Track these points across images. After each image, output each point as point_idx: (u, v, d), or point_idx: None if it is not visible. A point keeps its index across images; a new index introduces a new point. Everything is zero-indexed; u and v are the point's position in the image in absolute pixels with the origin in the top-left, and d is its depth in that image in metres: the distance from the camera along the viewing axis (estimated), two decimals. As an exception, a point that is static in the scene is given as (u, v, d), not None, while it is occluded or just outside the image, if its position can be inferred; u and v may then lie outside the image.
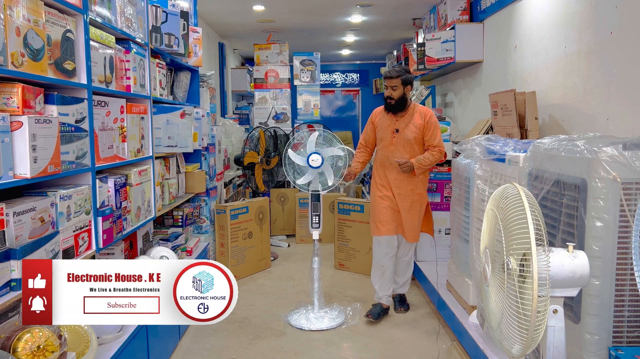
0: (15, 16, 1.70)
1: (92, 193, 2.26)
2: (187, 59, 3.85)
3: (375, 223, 3.57)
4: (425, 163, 3.44)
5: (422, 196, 3.56)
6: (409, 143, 3.49)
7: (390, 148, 3.54)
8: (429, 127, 3.47)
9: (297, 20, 6.54)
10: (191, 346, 3.20)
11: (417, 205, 3.52)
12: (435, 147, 3.47)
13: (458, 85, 5.62)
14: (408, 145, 3.49)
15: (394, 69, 3.53)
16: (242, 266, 4.55)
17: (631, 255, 1.70)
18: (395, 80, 3.46)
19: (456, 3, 5.01)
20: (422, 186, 3.55)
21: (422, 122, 3.47)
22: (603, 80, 2.74)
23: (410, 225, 3.53)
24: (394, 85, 3.47)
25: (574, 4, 3.05)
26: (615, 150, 1.77)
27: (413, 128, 3.48)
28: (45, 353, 1.69)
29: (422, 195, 3.56)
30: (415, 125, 3.48)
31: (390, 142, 3.54)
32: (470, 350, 2.82)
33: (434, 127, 3.47)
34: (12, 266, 1.73)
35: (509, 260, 1.53)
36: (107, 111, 2.45)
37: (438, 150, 3.46)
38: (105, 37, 2.42)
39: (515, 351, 1.52)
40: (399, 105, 3.50)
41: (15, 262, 1.73)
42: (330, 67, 11.02)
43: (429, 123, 3.47)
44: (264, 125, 6.21)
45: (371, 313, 3.51)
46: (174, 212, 3.77)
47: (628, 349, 1.76)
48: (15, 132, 1.74)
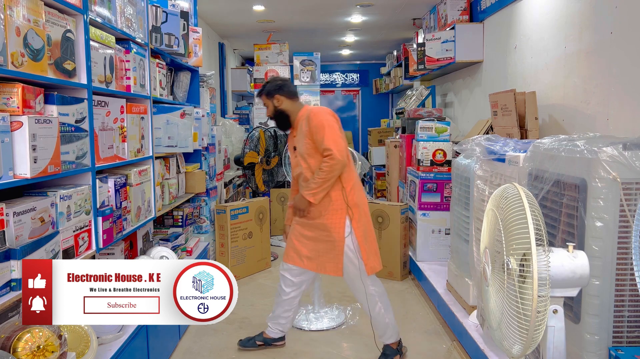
0: (15, 16, 1.70)
1: (92, 193, 2.26)
2: (187, 59, 3.85)
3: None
4: (313, 186, 2.75)
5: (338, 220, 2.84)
6: (309, 156, 2.84)
7: (297, 170, 2.96)
8: (313, 130, 2.78)
9: (297, 20, 6.54)
10: (191, 346, 3.20)
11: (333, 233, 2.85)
12: (324, 153, 2.73)
13: (458, 85, 5.62)
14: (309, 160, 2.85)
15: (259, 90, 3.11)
16: (242, 266, 4.56)
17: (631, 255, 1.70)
18: (262, 98, 3.05)
19: (456, 3, 5.01)
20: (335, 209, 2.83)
21: (307, 127, 2.83)
22: (603, 80, 2.74)
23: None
24: (264, 104, 3.07)
25: (574, 4, 3.05)
26: (615, 150, 1.77)
27: (302, 140, 2.87)
28: (45, 353, 1.69)
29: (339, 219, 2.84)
30: (304, 134, 2.86)
31: (296, 163, 2.97)
32: (470, 350, 2.82)
33: (317, 128, 2.76)
34: (12, 266, 1.73)
35: (509, 260, 1.53)
36: (107, 111, 2.45)
37: (327, 157, 2.71)
38: (105, 37, 2.41)
39: (515, 351, 1.52)
40: (281, 120, 3.00)
41: (15, 262, 1.73)
42: (330, 67, 11.03)
43: (311, 126, 2.79)
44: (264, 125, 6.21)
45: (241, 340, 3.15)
46: (174, 212, 3.77)
47: (628, 349, 1.76)
48: (15, 132, 1.74)
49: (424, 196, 4.19)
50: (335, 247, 2.83)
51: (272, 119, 3.07)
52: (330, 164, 2.70)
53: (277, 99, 2.96)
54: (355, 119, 11.26)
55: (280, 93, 2.96)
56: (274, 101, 2.97)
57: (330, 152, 2.70)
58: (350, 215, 2.82)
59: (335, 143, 2.72)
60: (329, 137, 2.72)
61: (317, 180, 2.75)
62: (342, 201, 2.82)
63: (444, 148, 4.19)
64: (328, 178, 2.74)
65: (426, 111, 4.97)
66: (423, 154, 4.21)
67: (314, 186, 2.76)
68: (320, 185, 2.75)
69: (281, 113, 2.98)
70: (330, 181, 2.76)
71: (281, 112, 2.98)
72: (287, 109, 2.97)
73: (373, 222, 4.46)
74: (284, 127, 3.05)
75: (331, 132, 2.74)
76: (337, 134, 2.78)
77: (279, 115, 2.99)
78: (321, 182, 2.74)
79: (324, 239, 2.86)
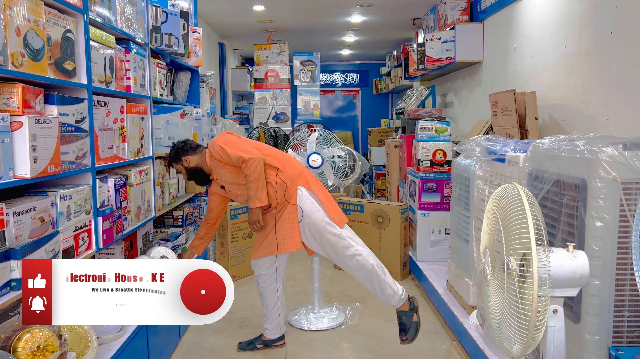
0: (15, 16, 1.70)
1: (92, 193, 2.26)
2: (187, 59, 3.85)
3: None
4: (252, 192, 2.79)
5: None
6: (234, 181, 2.89)
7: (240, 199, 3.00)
8: (220, 157, 2.81)
9: (297, 20, 6.54)
10: (191, 346, 3.20)
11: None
12: (238, 163, 2.78)
13: (458, 85, 5.62)
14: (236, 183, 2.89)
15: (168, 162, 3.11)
16: (242, 266, 4.55)
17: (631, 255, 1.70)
18: (174, 167, 3.05)
19: (456, 3, 5.01)
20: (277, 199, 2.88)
21: (215, 161, 2.86)
22: (603, 80, 2.74)
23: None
24: (177, 170, 3.10)
25: (574, 4, 3.05)
26: (615, 150, 1.77)
27: (221, 171, 2.89)
28: (45, 353, 1.69)
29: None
30: (219, 168, 2.88)
31: (234, 195, 3.00)
32: (470, 350, 2.82)
33: (220, 151, 2.79)
34: (12, 266, 1.73)
35: (509, 260, 1.53)
36: (107, 111, 2.45)
37: (243, 163, 2.76)
38: (105, 37, 2.41)
39: (515, 351, 1.52)
40: (200, 176, 3.00)
41: (15, 262, 1.73)
42: (330, 67, 11.03)
43: (216, 156, 2.82)
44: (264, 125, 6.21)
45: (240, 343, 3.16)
46: (174, 212, 3.77)
47: (628, 349, 1.76)
48: (15, 132, 1.74)
49: (424, 196, 4.19)
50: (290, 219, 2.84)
51: (191, 180, 3.04)
52: (248, 165, 2.74)
53: (185, 160, 2.96)
54: (355, 119, 11.26)
55: (183, 154, 2.96)
56: (183, 163, 2.97)
57: (241, 158, 2.74)
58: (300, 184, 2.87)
59: (239, 149, 2.77)
60: (232, 150, 2.76)
61: (250, 185, 2.77)
62: (284, 182, 2.85)
63: (444, 148, 4.19)
64: (257, 178, 2.76)
65: (426, 111, 4.97)
66: (423, 154, 4.21)
67: (253, 193, 2.77)
68: (256, 188, 2.77)
69: (195, 170, 2.97)
70: (261, 179, 2.78)
71: (195, 169, 2.97)
72: (198, 164, 2.97)
73: (373, 222, 4.48)
74: (206, 181, 3.02)
75: (231, 146, 2.79)
76: (236, 142, 2.83)
77: (195, 173, 2.98)
78: (255, 185, 2.76)
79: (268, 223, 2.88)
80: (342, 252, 2.86)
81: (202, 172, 2.98)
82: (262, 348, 3.12)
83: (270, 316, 3.12)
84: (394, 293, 2.89)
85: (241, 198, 2.98)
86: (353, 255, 2.85)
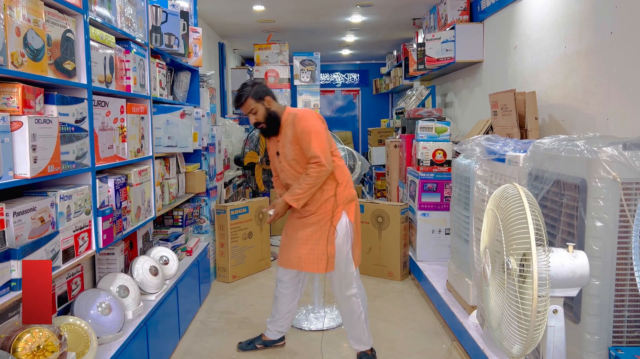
0: (15, 16, 1.70)
1: (92, 193, 2.26)
2: (187, 59, 3.85)
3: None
4: (299, 191, 2.68)
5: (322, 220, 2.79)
6: (296, 163, 2.77)
7: (282, 175, 2.89)
8: (299, 136, 2.69)
9: (297, 20, 6.54)
10: (191, 346, 3.20)
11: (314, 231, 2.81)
12: (311, 161, 2.67)
13: (458, 85, 5.62)
14: (297, 165, 2.78)
15: (239, 94, 2.81)
16: (242, 266, 4.56)
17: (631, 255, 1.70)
18: (248, 103, 2.78)
19: (456, 3, 5.01)
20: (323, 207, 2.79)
21: (294, 133, 2.72)
22: (603, 80, 2.74)
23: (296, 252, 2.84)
24: (252, 109, 2.80)
25: (574, 4, 3.05)
26: (615, 150, 1.77)
27: (289, 145, 2.76)
28: (45, 353, 1.69)
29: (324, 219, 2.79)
30: (290, 140, 2.75)
31: (280, 169, 2.88)
32: (470, 350, 2.82)
33: (304, 134, 2.67)
34: (12, 266, 1.73)
35: (509, 260, 1.53)
36: (107, 111, 2.45)
37: (314, 164, 2.66)
38: (105, 37, 2.42)
39: (515, 351, 1.52)
40: (272, 124, 2.80)
41: (15, 262, 1.73)
42: (330, 67, 11.03)
43: (298, 132, 2.69)
44: (264, 125, 6.21)
45: (240, 343, 3.14)
46: (174, 212, 3.77)
47: (628, 349, 1.76)
48: (15, 132, 1.74)
49: (424, 196, 4.19)
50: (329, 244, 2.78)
51: (260, 125, 2.83)
52: (318, 171, 2.65)
53: (268, 101, 2.79)
54: (355, 119, 11.26)
55: (268, 94, 2.81)
56: (264, 103, 2.79)
57: (318, 159, 2.65)
58: (346, 210, 2.81)
59: (322, 151, 2.66)
60: (316, 144, 2.65)
61: (303, 186, 2.68)
62: (336, 198, 2.78)
63: (444, 148, 4.20)
64: (314, 184, 2.69)
65: (426, 111, 4.97)
66: (423, 154, 4.21)
67: (300, 192, 2.69)
68: (305, 191, 2.69)
69: (274, 115, 2.80)
70: (315, 188, 2.71)
71: (275, 116, 2.80)
72: (277, 111, 2.81)
73: (373, 222, 4.48)
74: (273, 132, 2.83)
75: (318, 139, 2.67)
76: (324, 140, 2.70)
77: (271, 119, 2.79)
78: (307, 188, 2.68)
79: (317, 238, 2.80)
80: (345, 288, 2.86)
81: (278, 121, 2.80)
82: (262, 347, 3.12)
83: (278, 320, 3.09)
84: (367, 340, 2.94)
85: (284, 176, 2.87)
86: (351, 296, 2.86)
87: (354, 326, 2.91)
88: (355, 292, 2.86)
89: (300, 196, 2.70)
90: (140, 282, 2.81)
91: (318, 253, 2.78)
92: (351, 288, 2.85)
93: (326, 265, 2.77)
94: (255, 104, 2.79)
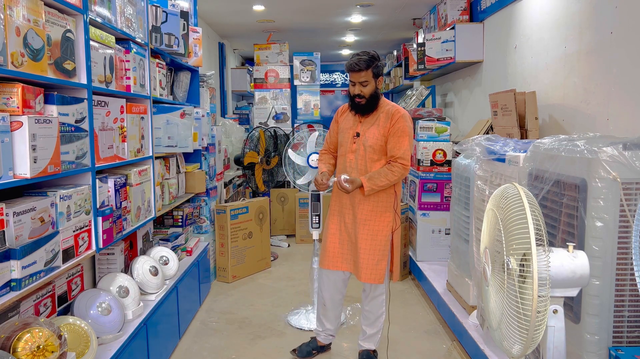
0: (15, 16, 1.70)
1: (92, 193, 2.26)
2: (187, 59, 3.85)
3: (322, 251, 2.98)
4: (379, 183, 2.69)
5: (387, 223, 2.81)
6: (373, 151, 2.76)
7: (349, 156, 2.83)
8: (394, 132, 2.71)
9: (297, 20, 6.54)
10: (191, 346, 3.20)
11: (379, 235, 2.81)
12: (398, 160, 2.70)
13: (458, 85, 5.62)
14: (373, 153, 2.76)
15: (361, 59, 2.69)
16: (242, 266, 4.55)
17: (631, 255, 1.70)
18: (365, 73, 2.70)
19: (456, 3, 5.01)
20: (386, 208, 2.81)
21: (388, 125, 2.72)
22: (603, 80, 2.74)
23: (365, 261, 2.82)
24: (364, 81, 2.71)
25: (574, 4, 3.05)
26: (615, 150, 1.77)
27: (375, 132, 2.74)
28: (45, 353, 1.69)
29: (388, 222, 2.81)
30: (379, 128, 2.74)
31: (350, 148, 2.82)
32: (470, 350, 2.82)
33: (400, 132, 2.70)
34: (12, 266, 1.73)
35: (509, 260, 1.53)
36: (107, 111, 2.45)
37: (400, 164, 2.69)
38: (105, 37, 2.41)
39: (515, 351, 1.52)
40: (371, 104, 2.76)
41: (15, 262, 1.73)
42: (330, 67, 11.03)
43: (394, 128, 2.70)
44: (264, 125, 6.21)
45: (299, 349, 3.05)
46: (174, 212, 3.77)
47: (628, 349, 1.76)
48: (15, 132, 1.74)
49: (424, 196, 4.19)
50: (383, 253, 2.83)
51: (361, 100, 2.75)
52: (402, 173, 2.70)
53: (380, 82, 2.77)
54: (355, 119, 11.25)
55: (382, 75, 2.79)
56: (377, 82, 2.75)
57: (405, 161, 2.71)
58: (395, 222, 2.85)
59: (406, 149, 2.72)
60: (408, 148, 2.72)
61: (383, 179, 2.69)
62: (392, 208, 2.83)
63: (444, 148, 4.20)
64: (394, 182, 2.73)
65: (426, 111, 4.97)
66: (423, 154, 4.21)
67: (379, 184, 2.69)
68: (384, 184, 2.71)
69: (377, 98, 2.76)
70: (390, 184, 2.75)
71: (378, 97, 2.76)
72: (380, 95, 2.80)
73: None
74: (367, 111, 2.77)
75: (410, 144, 2.74)
76: (410, 138, 2.76)
77: (373, 99, 2.74)
78: (387, 183, 2.71)
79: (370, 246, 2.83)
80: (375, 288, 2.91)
81: (377, 104, 2.78)
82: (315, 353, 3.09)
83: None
84: (377, 341, 3.01)
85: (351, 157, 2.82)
86: (378, 296, 2.92)
87: (372, 325, 2.96)
88: (383, 292, 2.92)
89: (378, 188, 2.71)
90: (140, 282, 2.81)
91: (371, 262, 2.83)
92: (381, 288, 2.91)
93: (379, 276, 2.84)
94: (371, 79, 2.73)
